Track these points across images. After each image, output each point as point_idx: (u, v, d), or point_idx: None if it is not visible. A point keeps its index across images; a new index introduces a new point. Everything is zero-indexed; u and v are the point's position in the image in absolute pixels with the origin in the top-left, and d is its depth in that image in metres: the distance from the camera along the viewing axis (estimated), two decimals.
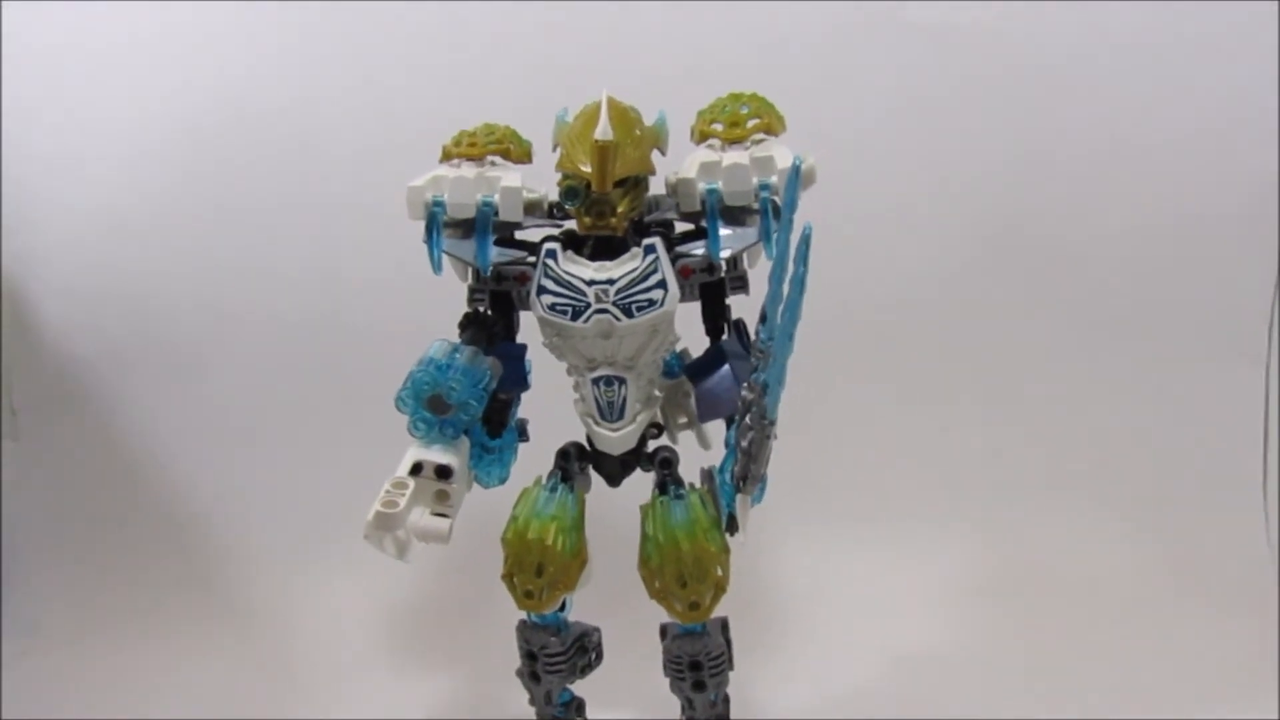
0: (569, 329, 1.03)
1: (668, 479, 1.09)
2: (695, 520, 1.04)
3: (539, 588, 1.06)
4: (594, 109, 1.00)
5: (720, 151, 1.04)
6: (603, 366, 1.05)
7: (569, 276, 1.02)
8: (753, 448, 0.93)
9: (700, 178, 1.03)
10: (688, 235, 1.07)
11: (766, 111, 1.07)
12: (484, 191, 1.05)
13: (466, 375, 1.03)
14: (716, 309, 1.10)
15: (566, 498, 1.08)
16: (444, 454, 1.03)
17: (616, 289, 1.01)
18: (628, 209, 1.02)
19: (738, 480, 0.95)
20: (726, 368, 1.07)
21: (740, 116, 1.06)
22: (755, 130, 1.05)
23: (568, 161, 1.00)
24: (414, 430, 1.04)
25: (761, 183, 1.02)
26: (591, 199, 1.00)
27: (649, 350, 1.05)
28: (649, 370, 1.08)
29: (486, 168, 1.07)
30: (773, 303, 0.86)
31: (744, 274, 1.08)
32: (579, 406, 1.09)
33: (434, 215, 1.06)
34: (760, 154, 1.03)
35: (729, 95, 1.08)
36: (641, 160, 1.02)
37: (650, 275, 1.01)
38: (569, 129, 1.03)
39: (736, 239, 1.03)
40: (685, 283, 1.05)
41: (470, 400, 1.03)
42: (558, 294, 1.02)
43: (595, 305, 1.01)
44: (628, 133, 1.01)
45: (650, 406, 1.10)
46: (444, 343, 1.07)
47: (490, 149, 1.08)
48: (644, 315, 1.01)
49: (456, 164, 1.08)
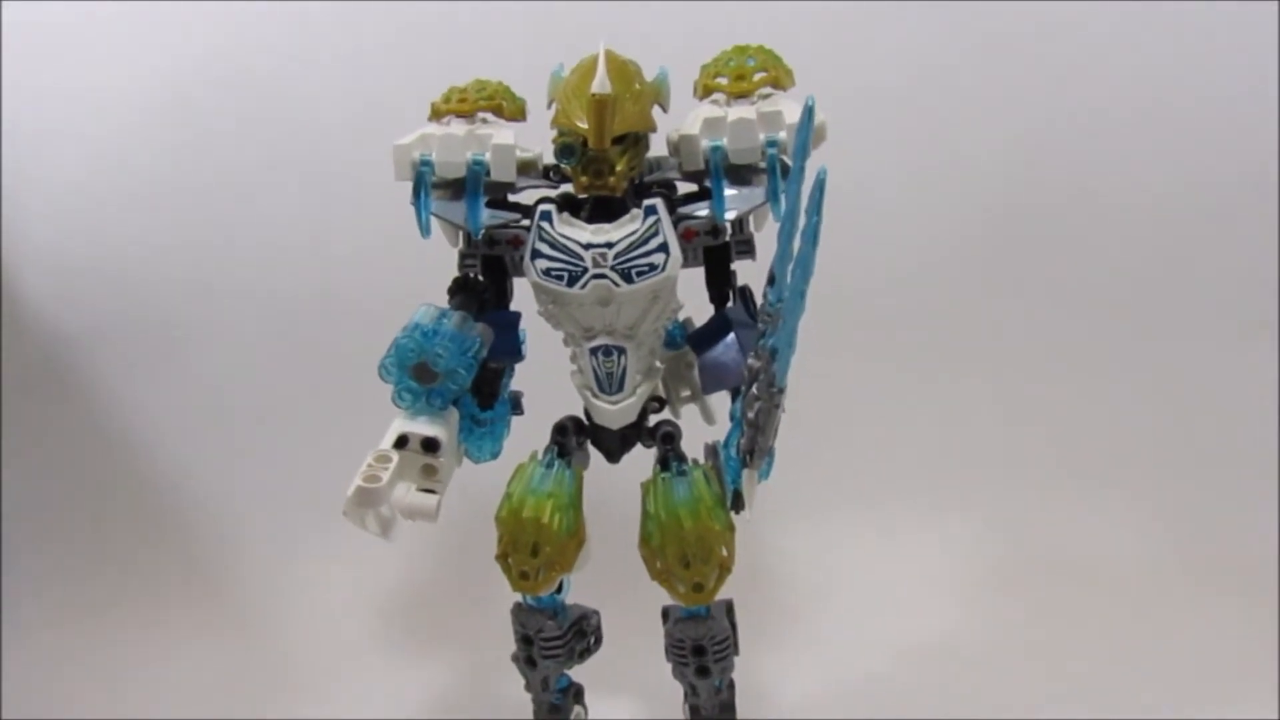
0: (565, 295, 1.00)
1: (670, 454, 1.06)
2: (699, 497, 1.02)
3: (535, 568, 1.04)
4: (591, 62, 0.97)
5: (725, 107, 1.01)
6: (601, 335, 1.02)
7: (565, 240, 0.98)
8: (760, 419, 0.89)
9: (704, 134, 1.00)
10: (691, 196, 1.04)
11: (774, 64, 1.02)
12: (475, 150, 1.02)
13: (454, 341, 1.00)
14: (721, 274, 1.06)
15: (563, 474, 1.06)
16: (431, 426, 0.99)
17: (615, 253, 0.98)
18: (627, 168, 0.98)
19: (744, 454, 0.92)
20: (732, 336, 1.04)
21: (746, 69, 1.02)
22: (762, 84, 1.01)
23: (563, 117, 0.97)
24: (398, 400, 1.01)
25: (769, 139, 0.98)
26: (588, 157, 0.96)
27: (649, 318, 1.02)
28: (650, 340, 1.04)
29: (477, 125, 1.04)
30: (782, 261, 0.82)
31: (750, 238, 1.05)
32: (576, 378, 1.06)
33: (422, 175, 1.02)
34: (767, 109, 0.99)
35: (734, 48, 1.04)
36: (641, 116, 0.98)
37: (651, 238, 0.98)
38: (565, 83, 0.99)
39: (742, 199, 1.00)
40: (688, 246, 1.02)
41: (458, 368, 1.00)
42: (553, 258, 0.99)
43: (593, 270, 0.98)
44: (627, 86, 0.97)
45: (651, 378, 1.07)
46: (430, 307, 1.03)
47: (482, 105, 1.05)
48: (644, 280, 0.98)
49: (446, 121, 1.04)
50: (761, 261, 0.97)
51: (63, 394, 1.81)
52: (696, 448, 1.08)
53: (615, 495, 1.10)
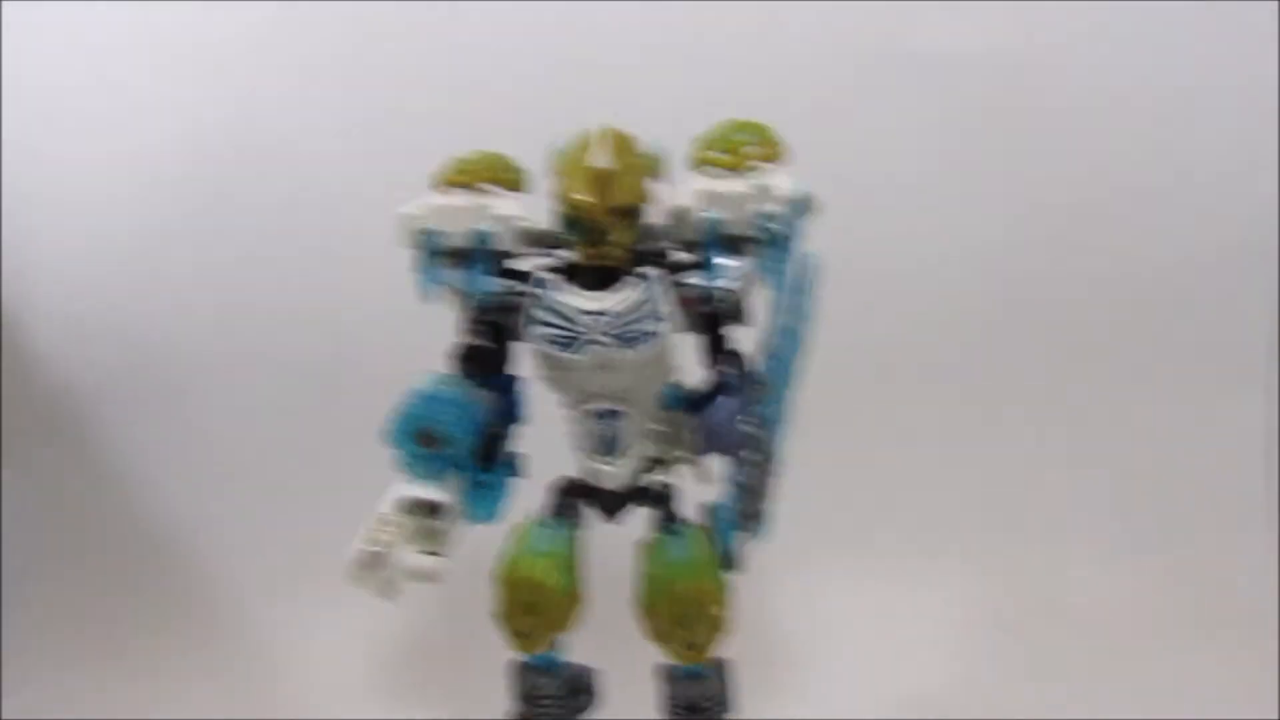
0: (564, 360, 1.01)
1: (666, 515, 1.08)
2: (694, 557, 1.03)
3: (532, 627, 1.04)
4: (591, 136, 0.99)
5: (719, 179, 1.01)
6: (599, 399, 1.03)
7: (564, 306, 1.00)
8: (754, 482, 0.92)
9: (699, 206, 1.01)
10: (686, 264, 1.04)
11: (766, 139, 1.03)
12: (477, 219, 1.03)
13: (457, 408, 1.02)
14: (716, 340, 1.06)
15: (561, 534, 1.07)
16: (434, 489, 1.01)
17: (613, 319, 0.99)
18: (625, 238, 1.00)
19: (739, 516, 0.95)
20: (727, 400, 1.04)
21: (739, 143, 1.03)
22: (755, 158, 1.02)
23: (564, 189, 0.99)
24: (402, 465, 1.02)
25: (762, 211, 0.99)
26: (588, 227, 0.98)
27: (646, 382, 1.03)
28: (646, 403, 1.05)
29: (481, 195, 1.05)
30: (774, 334, 0.86)
31: (744, 304, 1.05)
32: (574, 441, 1.07)
33: (426, 243, 1.04)
34: (760, 181, 1.00)
35: (728, 122, 1.05)
36: (639, 188, 1.00)
37: (647, 305, 1.00)
38: (565, 156, 1.00)
39: (736, 269, 1.01)
40: (683, 312, 1.03)
41: (461, 434, 1.01)
42: (552, 324, 1.00)
43: (591, 336, 0.99)
44: (625, 160, 0.99)
45: (648, 441, 1.08)
46: (435, 374, 1.05)
47: (484, 176, 1.06)
48: (641, 346, 1.00)
49: (450, 192, 1.05)
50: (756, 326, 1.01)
51: (67, 447, 1.81)
52: (692, 508, 1.09)
53: (612, 555, 1.10)
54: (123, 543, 1.78)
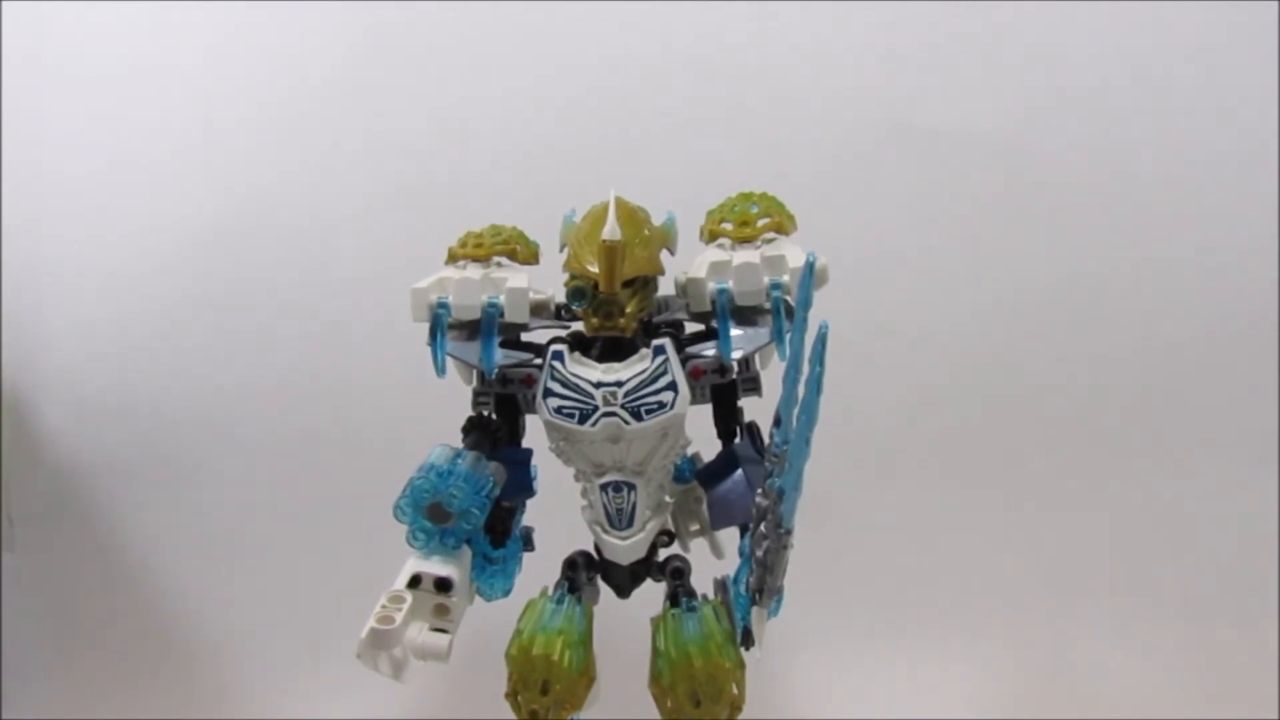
0: (576, 433, 1.00)
1: (680, 590, 1.06)
2: (709, 634, 1.00)
3: (545, 707, 1.01)
4: (602, 209, 0.99)
5: (730, 251, 1.03)
6: (611, 472, 1.03)
7: (576, 379, 1.00)
8: (768, 557, 0.90)
9: (710, 277, 1.02)
10: (698, 336, 1.05)
11: (777, 210, 1.05)
12: (490, 292, 1.04)
13: (468, 482, 1.01)
14: (728, 411, 1.07)
15: (574, 610, 1.05)
16: (444, 565, 1.00)
17: (625, 391, 0.99)
18: (636, 309, 1.00)
19: (753, 592, 0.92)
20: (740, 473, 1.05)
21: (750, 215, 1.04)
22: (766, 229, 1.04)
23: (575, 262, 0.99)
24: (413, 540, 1.01)
25: (773, 282, 1.00)
26: (599, 299, 0.99)
27: (659, 454, 1.03)
28: (659, 475, 1.05)
29: (493, 269, 1.06)
30: (787, 405, 0.84)
31: (756, 375, 1.06)
32: (586, 514, 1.07)
33: (438, 317, 1.04)
34: (771, 253, 1.01)
35: (739, 195, 1.07)
36: (650, 260, 1.01)
37: (660, 377, 0.99)
38: (576, 229, 1.02)
39: (748, 339, 1.01)
40: (696, 384, 1.03)
41: (472, 508, 1.01)
42: (564, 396, 1.00)
43: (603, 408, 0.99)
44: (636, 232, 1.00)
45: (660, 513, 1.07)
46: (445, 448, 1.05)
47: (497, 249, 1.07)
48: (653, 418, 0.99)
49: (462, 265, 1.06)
50: (768, 397, 1.00)
51: (76, 527, 1.80)
52: (706, 582, 1.07)
53: (625, 631, 1.09)
54: (129, 623, 1.77)
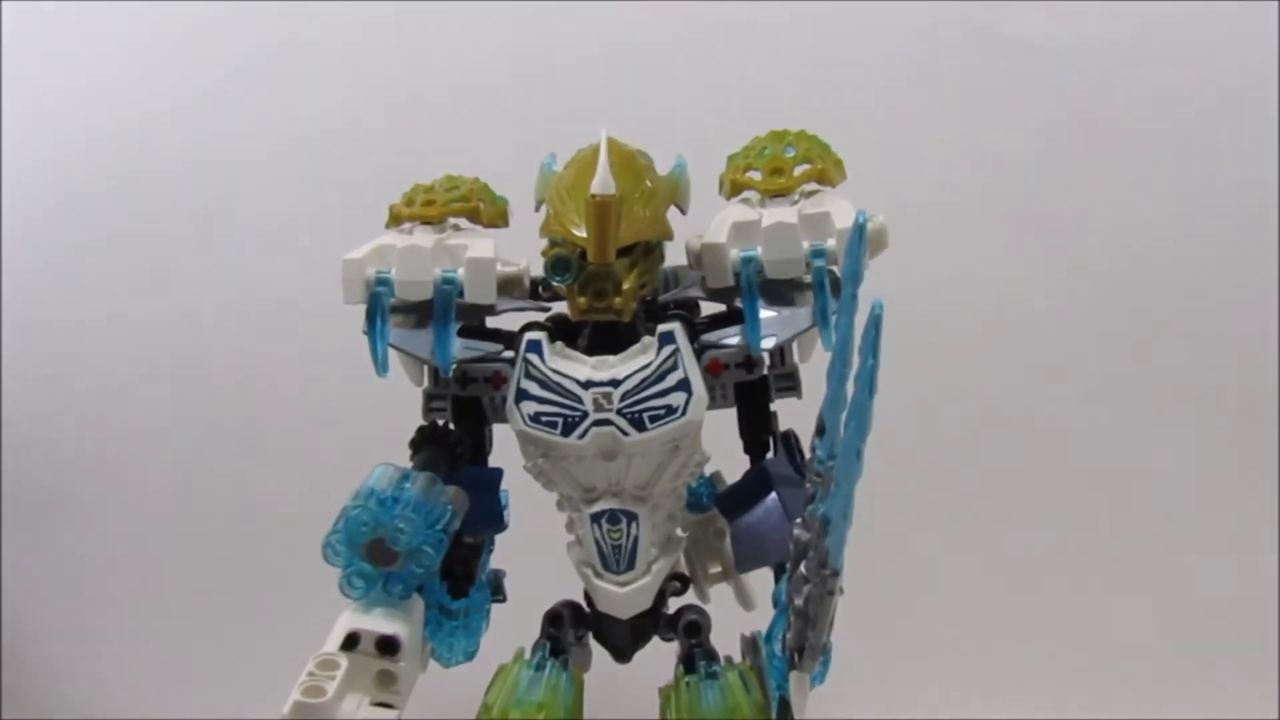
0: (560, 447, 0.91)
1: (696, 651, 0.97)
2: (735, 707, 0.93)
3: None
4: (591, 154, 0.89)
5: (759, 207, 0.93)
6: (606, 498, 0.93)
7: (559, 376, 0.90)
8: (811, 607, 0.78)
9: (733, 243, 0.92)
10: (718, 319, 0.96)
11: (819, 154, 0.94)
12: (444, 264, 0.94)
13: (419, 512, 0.90)
14: (758, 418, 0.98)
15: (558, 678, 0.96)
16: (388, 621, 0.90)
17: (623, 392, 0.88)
18: (636, 285, 0.90)
19: (792, 652, 0.82)
20: (773, 498, 0.94)
21: (785, 161, 0.94)
22: (804, 179, 0.93)
23: (556, 223, 0.89)
24: (348, 588, 0.91)
25: (814, 248, 0.90)
26: (588, 272, 0.88)
27: (667, 475, 0.92)
28: (668, 502, 0.95)
29: (448, 233, 0.96)
30: (833, 408, 0.72)
31: (794, 371, 0.97)
32: (574, 552, 0.97)
33: (378, 297, 0.94)
34: (812, 210, 0.91)
35: (769, 134, 0.97)
36: (654, 220, 0.90)
37: (668, 374, 0.89)
38: (558, 181, 0.92)
39: (782, 323, 0.91)
40: (715, 382, 0.93)
41: (424, 546, 0.90)
42: (544, 400, 0.90)
43: (594, 415, 0.89)
44: (635, 184, 0.89)
45: (670, 552, 0.97)
46: (388, 468, 0.95)
47: (453, 208, 0.97)
48: (660, 427, 0.89)
49: (408, 229, 0.96)
50: (809, 399, 0.89)
51: None
52: (730, 641, 0.99)
53: (626, 705, 1.02)
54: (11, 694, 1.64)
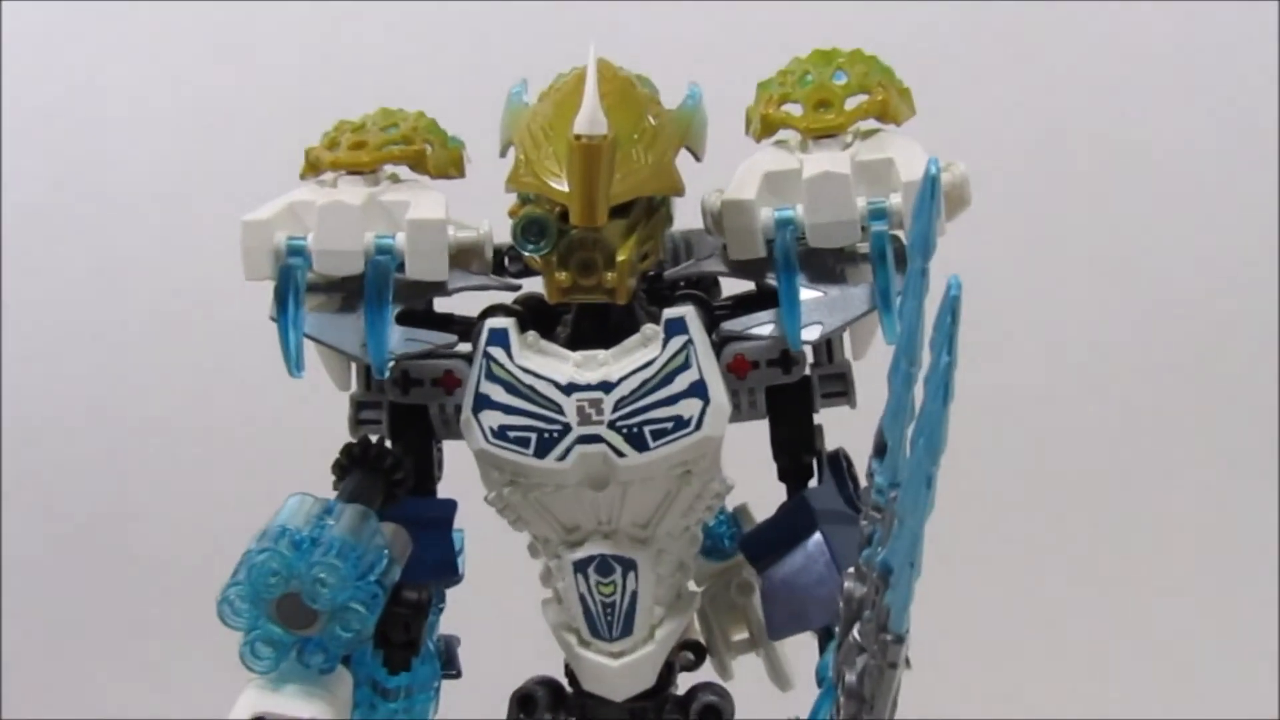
0: (533, 472, 0.78)
1: None
2: None
3: None
4: (574, 82, 0.77)
5: (799, 153, 0.79)
6: (594, 540, 0.80)
7: (531, 378, 0.77)
8: (867, 685, 0.67)
9: (764, 199, 0.79)
10: (743, 301, 0.84)
11: (880, 80, 0.80)
12: (379, 227, 0.81)
13: (345, 558, 0.78)
14: (798, 433, 0.84)
15: None
16: (304, 703, 0.79)
17: (616, 399, 0.76)
18: (634, 256, 0.76)
19: None
20: (817, 540, 0.81)
21: (834, 91, 0.79)
22: (860, 114, 0.79)
23: (528, 174, 0.76)
24: (251, 659, 0.79)
25: (873, 207, 0.76)
26: (571, 239, 0.75)
27: (676, 510, 0.80)
28: (676, 547, 0.82)
29: (384, 187, 0.82)
30: (896, 419, 0.61)
31: (845, 370, 0.84)
32: (551, 612, 0.84)
33: (290, 272, 0.80)
34: (870, 155, 0.77)
35: (813, 53, 0.82)
36: (657, 171, 0.76)
37: (676, 374, 0.76)
38: (531, 117, 0.78)
39: (830, 308, 0.78)
40: (740, 386, 0.81)
41: (352, 603, 0.78)
42: (512, 409, 0.77)
43: (579, 429, 0.76)
44: (633, 122, 0.76)
45: (680, 612, 0.84)
46: (305, 499, 0.82)
47: (391, 153, 0.83)
48: (666, 446, 0.76)
49: (330, 180, 0.83)
50: (865, 407, 0.80)
51: None
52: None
53: None
54: None
